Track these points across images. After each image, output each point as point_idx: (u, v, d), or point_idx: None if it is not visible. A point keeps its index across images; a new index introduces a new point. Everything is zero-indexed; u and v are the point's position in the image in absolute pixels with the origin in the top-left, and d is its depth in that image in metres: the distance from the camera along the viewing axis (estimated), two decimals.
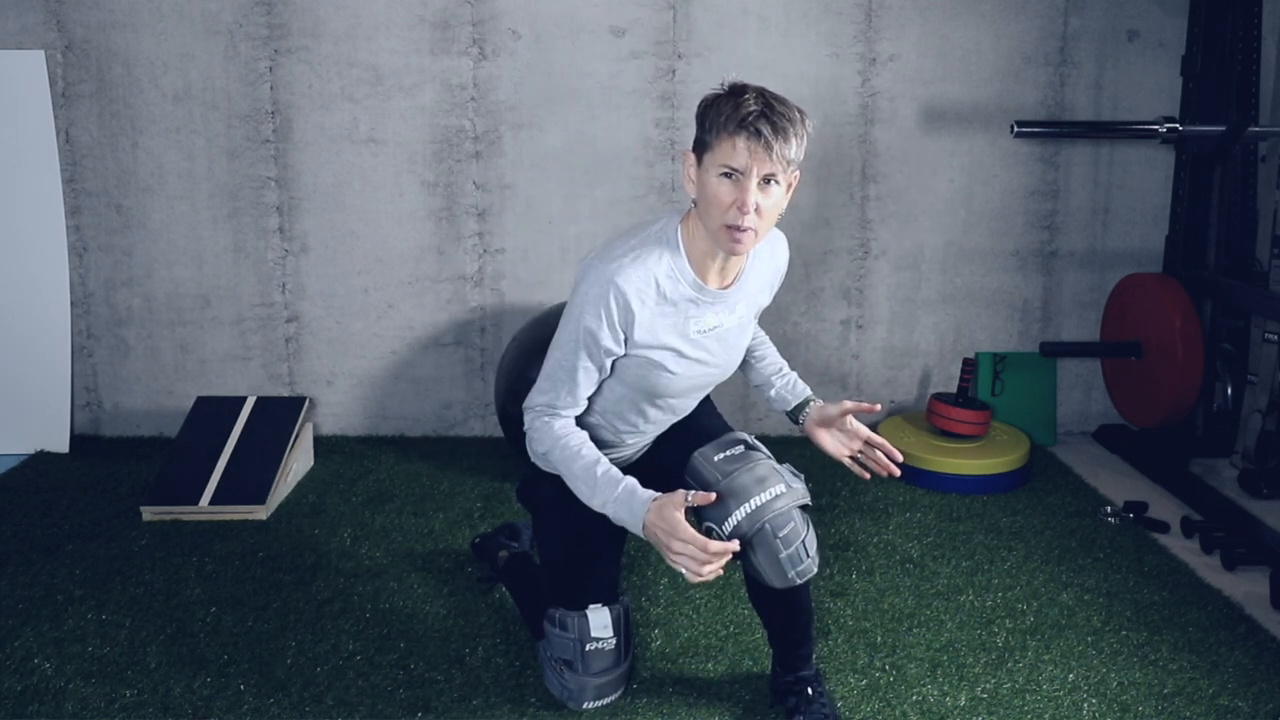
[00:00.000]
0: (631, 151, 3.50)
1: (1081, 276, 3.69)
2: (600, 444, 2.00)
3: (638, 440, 2.10)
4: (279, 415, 3.26)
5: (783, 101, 1.75)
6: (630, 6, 3.42)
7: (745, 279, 1.94)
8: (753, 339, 2.18)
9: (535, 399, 1.93)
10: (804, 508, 1.89)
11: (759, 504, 1.82)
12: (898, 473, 2.03)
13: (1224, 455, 3.44)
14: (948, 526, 2.96)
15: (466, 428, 3.69)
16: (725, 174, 1.74)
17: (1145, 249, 3.66)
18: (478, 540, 2.70)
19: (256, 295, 3.57)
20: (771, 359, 2.20)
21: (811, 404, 2.11)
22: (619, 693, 2.10)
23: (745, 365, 2.20)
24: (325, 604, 2.48)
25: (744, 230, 1.75)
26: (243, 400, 3.32)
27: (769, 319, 3.61)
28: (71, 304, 3.53)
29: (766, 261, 2.00)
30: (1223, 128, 3.16)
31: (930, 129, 3.54)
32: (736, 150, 1.72)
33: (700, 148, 1.79)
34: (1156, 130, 3.21)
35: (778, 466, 1.90)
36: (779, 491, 1.84)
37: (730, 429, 2.06)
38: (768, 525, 1.82)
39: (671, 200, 3.51)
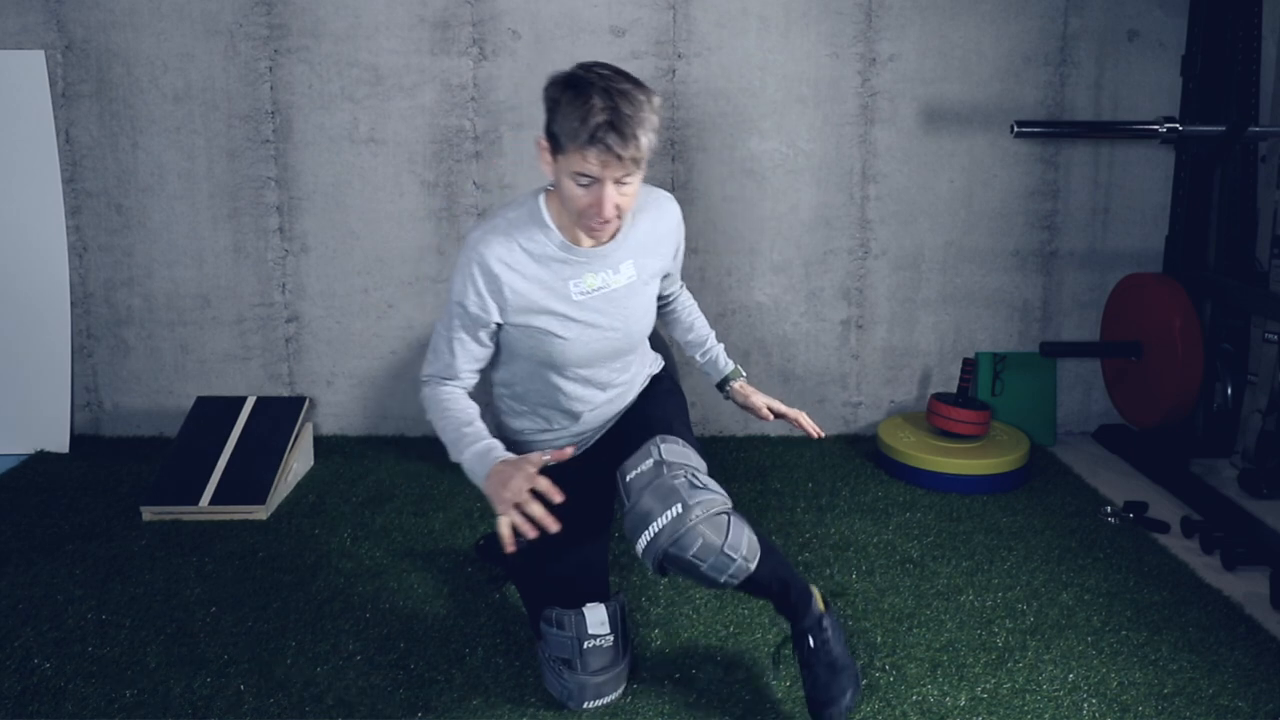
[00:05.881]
0: None
1: (1081, 276, 3.69)
2: (535, 436, 2.08)
3: (571, 422, 2.08)
4: (279, 415, 3.26)
5: (628, 95, 1.74)
6: (630, 6, 3.42)
7: (626, 237, 1.96)
8: (676, 301, 2.27)
9: (425, 369, 2.01)
10: (722, 511, 1.85)
11: (658, 529, 1.81)
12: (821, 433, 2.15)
13: (1224, 455, 3.44)
14: (948, 526, 2.96)
15: None
16: (579, 181, 1.76)
17: (1145, 249, 3.66)
18: (482, 541, 2.69)
19: (256, 295, 3.57)
20: (699, 330, 2.29)
21: (734, 384, 2.25)
22: (618, 692, 2.10)
23: (670, 324, 2.29)
24: (325, 604, 2.48)
25: (604, 224, 1.81)
26: (243, 400, 3.32)
27: (770, 318, 3.62)
28: (71, 304, 3.53)
29: (652, 221, 2.02)
30: (1223, 128, 3.16)
31: (930, 129, 3.54)
32: (588, 162, 1.73)
33: (553, 142, 1.78)
34: (1156, 130, 3.20)
35: (679, 483, 1.85)
36: (676, 513, 1.81)
37: (663, 427, 1.99)
38: (671, 550, 1.81)
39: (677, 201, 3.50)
